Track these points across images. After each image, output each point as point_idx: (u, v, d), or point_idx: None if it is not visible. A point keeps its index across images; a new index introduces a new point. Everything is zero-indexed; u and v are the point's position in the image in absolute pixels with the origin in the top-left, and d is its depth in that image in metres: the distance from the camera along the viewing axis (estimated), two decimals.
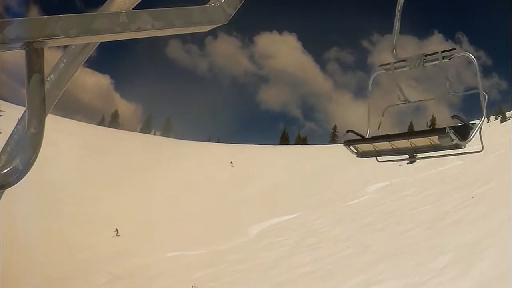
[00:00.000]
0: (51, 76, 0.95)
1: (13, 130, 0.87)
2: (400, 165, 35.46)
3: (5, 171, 0.74)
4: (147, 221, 30.09)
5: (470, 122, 2.42)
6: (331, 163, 46.72)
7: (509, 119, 44.97)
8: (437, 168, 27.56)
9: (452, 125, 2.38)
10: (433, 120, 51.99)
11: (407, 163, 35.73)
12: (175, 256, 21.64)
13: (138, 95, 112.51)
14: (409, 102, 2.83)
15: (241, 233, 25.38)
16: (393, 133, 2.69)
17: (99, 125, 79.82)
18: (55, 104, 0.98)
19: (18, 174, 0.75)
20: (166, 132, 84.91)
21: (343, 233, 18.23)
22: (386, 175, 30.89)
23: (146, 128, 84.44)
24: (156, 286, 16.39)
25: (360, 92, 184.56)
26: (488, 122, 49.55)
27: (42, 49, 0.75)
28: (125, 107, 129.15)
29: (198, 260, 19.92)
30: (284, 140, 77.52)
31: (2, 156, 0.84)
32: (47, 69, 0.81)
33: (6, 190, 0.77)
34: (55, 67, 0.96)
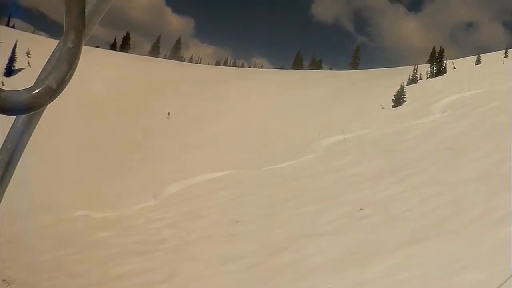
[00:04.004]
0: None
1: (56, 47, 0.72)
2: (383, 107, 28.05)
3: (37, 90, 0.65)
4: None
5: None
6: (322, 97, 39.60)
7: None
8: (412, 121, 20.25)
9: None
10: (440, 52, 40.59)
11: (392, 106, 28.11)
12: (81, 216, 18.30)
13: (190, 9, 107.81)
14: None
15: (156, 192, 21.25)
16: None
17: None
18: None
19: (51, 94, 0.66)
20: (175, 52, 78.37)
21: (203, 229, 12.91)
22: (357, 122, 23.99)
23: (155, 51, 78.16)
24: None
25: (413, 7, 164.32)
26: (505, 57, 37.31)
27: None
28: (176, 22, 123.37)
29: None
30: (298, 63, 68.32)
31: (41, 75, 0.71)
32: None
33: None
34: None
